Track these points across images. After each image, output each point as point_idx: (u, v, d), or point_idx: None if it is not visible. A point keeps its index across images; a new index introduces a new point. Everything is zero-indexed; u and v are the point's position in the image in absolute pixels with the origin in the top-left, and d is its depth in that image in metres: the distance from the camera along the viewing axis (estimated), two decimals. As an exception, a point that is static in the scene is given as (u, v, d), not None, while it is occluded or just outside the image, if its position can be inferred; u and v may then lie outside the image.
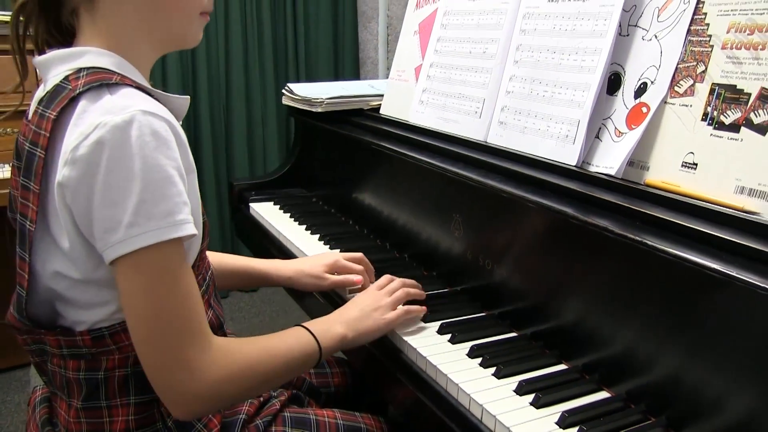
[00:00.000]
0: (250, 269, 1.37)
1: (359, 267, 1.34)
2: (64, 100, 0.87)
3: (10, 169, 2.31)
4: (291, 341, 1.04)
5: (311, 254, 1.50)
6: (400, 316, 1.16)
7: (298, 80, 3.36)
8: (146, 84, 0.96)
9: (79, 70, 0.90)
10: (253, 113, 3.29)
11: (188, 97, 1.02)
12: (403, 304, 1.19)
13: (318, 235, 1.65)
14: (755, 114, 0.90)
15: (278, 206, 1.90)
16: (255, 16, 3.18)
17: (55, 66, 0.93)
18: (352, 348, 1.14)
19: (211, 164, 3.19)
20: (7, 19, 2.22)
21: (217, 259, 1.28)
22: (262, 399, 1.13)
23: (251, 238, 1.93)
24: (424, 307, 1.20)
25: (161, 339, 0.87)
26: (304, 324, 1.09)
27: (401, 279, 1.24)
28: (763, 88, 0.90)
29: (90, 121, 0.83)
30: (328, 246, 1.59)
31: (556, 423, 0.91)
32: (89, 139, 0.82)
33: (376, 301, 1.17)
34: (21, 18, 0.96)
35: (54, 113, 0.87)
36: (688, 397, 0.87)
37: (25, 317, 0.93)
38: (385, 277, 1.25)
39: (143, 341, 0.88)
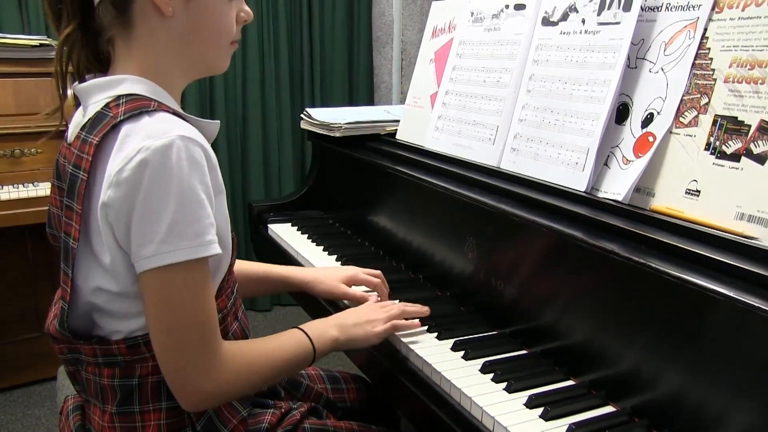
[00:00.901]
0: (270, 274, 1.43)
1: (377, 280, 1.40)
2: (106, 126, 0.93)
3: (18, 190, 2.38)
4: (289, 345, 1.12)
5: (329, 272, 1.56)
6: (387, 330, 1.24)
7: (313, 104, 3.42)
8: (179, 109, 1.03)
9: (118, 97, 0.97)
10: (269, 137, 3.35)
11: (218, 121, 1.09)
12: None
13: (335, 256, 1.70)
14: (755, 144, 0.96)
15: (296, 227, 1.96)
16: (272, 41, 3.25)
17: (95, 93, 1.00)
18: (342, 350, 1.24)
19: (228, 186, 3.25)
20: (23, 42, 2.31)
21: (237, 266, 1.34)
22: (283, 410, 1.18)
23: (269, 258, 1.98)
24: (413, 322, 1.27)
25: (179, 346, 0.95)
26: (302, 327, 1.16)
27: (402, 303, 1.31)
28: (762, 120, 0.95)
29: (133, 145, 0.90)
30: (345, 266, 1.64)
31: (564, 435, 0.96)
32: (133, 161, 0.88)
33: (372, 314, 1.25)
34: (65, 47, 1.03)
35: (96, 139, 0.93)
36: (690, 411, 0.92)
37: (66, 329, 0.99)
38: (388, 301, 1.34)
39: (163, 347, 0.96)
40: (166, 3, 0.97)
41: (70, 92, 1.06)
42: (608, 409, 1.04)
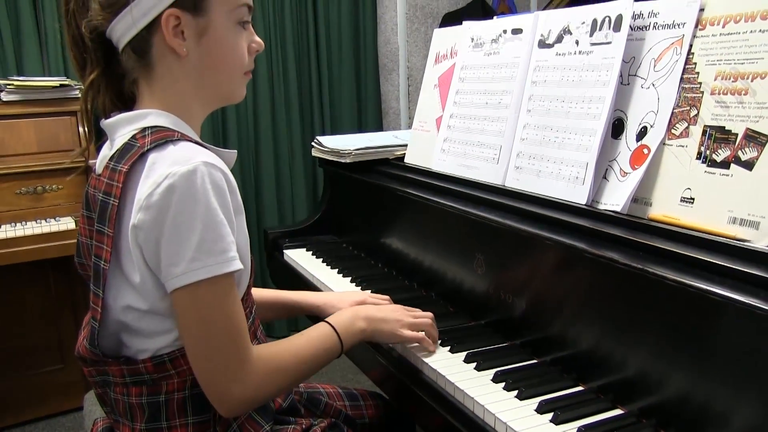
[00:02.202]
0: (281, 299, 1.48)
1: (385, 303, 1.44)
2: (135, 155, 1.00)
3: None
4: (317, 340, 1.18)
5: (343, 294, 1.60)
6: (413, 338, 1.29)
7: (323, 132, 3.49)
8: (198, 139, 1.09)
9: (144, 129, 1.04)
10: (281, 165, 3.41)
11: (235, 151, 1.16)
12: None
13: (350, 278, 1.75)
14: (742, 152, 1.01)
15: (310, 252, 2.01)
16: (281, 72, 3.32)
17: (122, 127, 1.07)
18: (365, 342, 1.28)
19: (243, 214, 3.31)
20: (44, 84, 2.39)
21: None
22: (304, 426, 1.22)
23: (286, 282, 2.03)
24: (435, 345, 1.31)
25: (213, 356, 1.01)
26: (329, 320, 1.22)
27: (432, 315, 1.35)
28: (748, 129, 1.00)
29: (160, 172, 0.96)
30: (360, 287, 1.69)
31: (574, 436, 1.00)
32: (161, 187, 0.95)
33: (400, 315, 1.30)
34: (90, 92, 1.10)
35: (126, 167, 1.00)
36: (695, 410, 0.96)
37: (96, 346, 1.05)
38: (420, 311, 1.36)
39: (198, 358, 1.02)
40: (180, 45, 1.05)
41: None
42: (616, 411, 1.08)
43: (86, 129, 1.13)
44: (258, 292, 1.44)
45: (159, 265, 0.98)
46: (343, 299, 1.46)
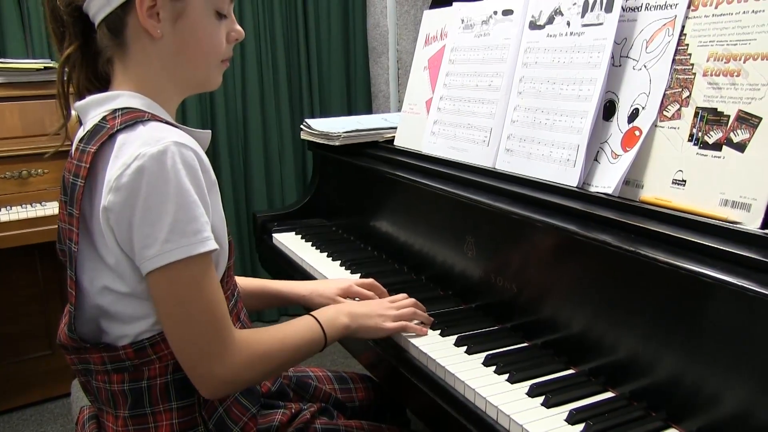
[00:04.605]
0: (267, 289, 1.46)
1: (370, 293, 1.43)
2: (104, 136, 0.99)
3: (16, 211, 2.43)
4: (300, 331, 1.17)
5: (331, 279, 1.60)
6: (397, 329, 1.28)
7: (312, 115, 3.47)
8: (172, 121, 1.08)
9: (115, 110, 1.02)
10: (270, 149, 3.39)
11: (209, 131, 1.14)
12: None
13: (339, 261, 1.74)
14: (734, 134, 1.00)
15: (300, 236, 2.00)
16: (269, 55, 3.29)
17: (93, 109, 1.05)
18: (349, 338, 1.27)
19: (231, 198, 3.30)
20: (28, 66, 2.35)
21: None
22: (293, 410, 1.22)
23: (275, 267, 2.02)
24: (423, 328, 1.30)
25: (193, 338, 1.00)
26: (313, 313, 1.21)
27: (415, 300, 1.35)
28: (740, 110, 1.00)
29: (130, 152, 0.95)
30: (349, 271, 1.68)
31: (565, 420, 1.00)
32: (130, 168, 0.93)
33: (384, 309, 1.29)
34: (66, 68, 1.09)
35: (94, 148, 0.99)
36: (685, 392, 0.96)
37: (74, 332, 1.04)
38: (402, 295, 1.36)
39: (177, 340, 1.01)
40: (155, 26, 1.03)
41: (74, 113, 1.11)
42: (607, 394, 1.08)
43: (63, 107, 1.11)
44: (243, 282, 1.42)
45: (132, 248, 0.97)
46: (329, 287, 1.44)
